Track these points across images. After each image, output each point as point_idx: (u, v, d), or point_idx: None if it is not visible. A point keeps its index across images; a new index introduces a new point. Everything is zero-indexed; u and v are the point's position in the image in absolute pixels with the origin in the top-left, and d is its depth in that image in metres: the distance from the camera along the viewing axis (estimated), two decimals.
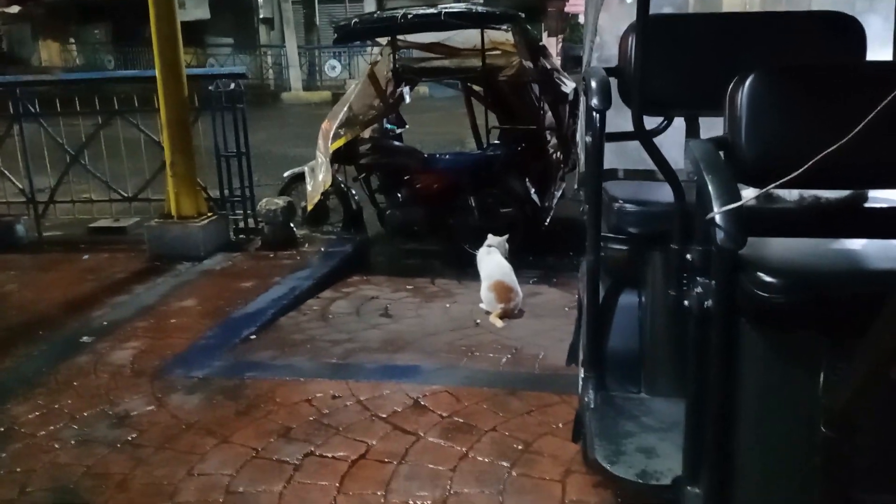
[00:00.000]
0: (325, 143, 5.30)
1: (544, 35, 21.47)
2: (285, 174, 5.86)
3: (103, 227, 5.88)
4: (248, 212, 5.58)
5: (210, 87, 5.43)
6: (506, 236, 4.50)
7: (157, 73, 5.02)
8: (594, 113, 2.16)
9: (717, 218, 1.44)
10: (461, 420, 2.83)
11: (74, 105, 5.78)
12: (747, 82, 1.61)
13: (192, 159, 5.24)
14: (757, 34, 2.24)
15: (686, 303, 1.67)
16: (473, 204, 5.26)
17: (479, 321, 3.94)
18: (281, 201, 5.34)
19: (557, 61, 7.75)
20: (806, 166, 1.27)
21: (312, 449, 2.66)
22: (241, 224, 5.60)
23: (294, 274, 4.67)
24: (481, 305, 4.08)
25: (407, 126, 6.18)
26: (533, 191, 5.29)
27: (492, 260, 4.25)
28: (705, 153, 1.59)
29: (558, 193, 5.53)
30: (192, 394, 3.12)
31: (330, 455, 2.62)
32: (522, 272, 4.39)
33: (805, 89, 1.66)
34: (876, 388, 1.25)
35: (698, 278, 1.61)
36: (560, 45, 20.94)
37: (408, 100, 5.97)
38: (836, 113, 1.33)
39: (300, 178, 5.60)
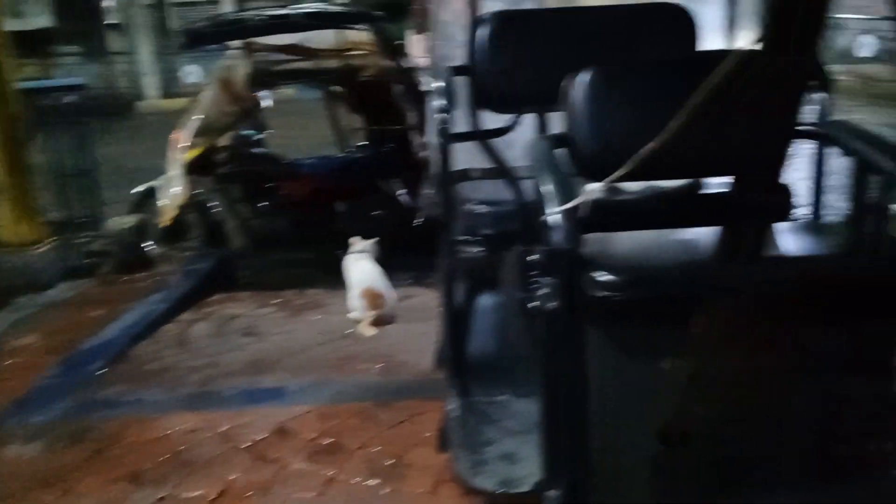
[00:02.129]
0: (177, 155, 4.99)
1: (412, 33, 21.48)
2: (133, 191, 5.48)
3: None
4: (97, 234, 5.17)
5: (45, 101, 5.00)
6: (375, 239, 4.39)
7: None
8: (437, 114, 2.10)
9: (551, 219, 1.39)
10: (329, 440, 2.70)
11: None
12: (577, 80, 1.59)
13: (28, 181, 4.79)
14: (593, 29, 2.25)
15: (533, 303, 1.63)
16: (342, 208, 5.11)
17: (349, 332, 3.80)
18: (131, 220, 4.99)
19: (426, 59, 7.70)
20: (631, 160, 1.24)
21: (166, 493, 2.45)
22: (90, 248, 5.18)
23: (148, 298, 4.34)
24: (351, 315, 3.94)
25: (270, 130, 5.93)
26: (402, 191, 5.21)
27: (359, 266, 4.12)
28: (539, 152, 1.55)
29: (427, 192, 5.48)
30: (30, 443, 2.82)
31: (185, 496, 2.43)
32: (396, 275, 4.29)
33: (635, 83, 1.66)
34: (710, 381, 1.24)
35: (542, 279, 1.57)
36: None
37: (267, 103, 5.72)
38: (666, 104, 1.31)
39: (152, 193, 5.24)
